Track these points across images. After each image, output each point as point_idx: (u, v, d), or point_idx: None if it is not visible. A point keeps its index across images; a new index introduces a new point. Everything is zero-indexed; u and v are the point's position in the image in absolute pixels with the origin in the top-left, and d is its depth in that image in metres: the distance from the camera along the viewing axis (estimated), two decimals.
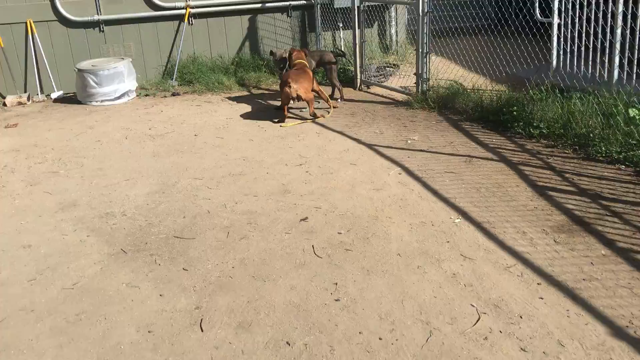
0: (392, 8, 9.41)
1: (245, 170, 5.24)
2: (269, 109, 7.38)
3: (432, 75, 7.15)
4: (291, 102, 6.74)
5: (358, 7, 7.98)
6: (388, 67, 8.92)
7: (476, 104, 6.41)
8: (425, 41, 6.91)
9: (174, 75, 8.92)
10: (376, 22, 9.42)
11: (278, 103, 7.51)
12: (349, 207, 4.32)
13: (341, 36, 9.25)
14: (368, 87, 8.26)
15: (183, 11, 8.94)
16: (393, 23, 9.43)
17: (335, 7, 8.94)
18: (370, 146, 5.68)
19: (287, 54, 7.42)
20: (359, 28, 8.07)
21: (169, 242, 3.98)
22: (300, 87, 6.55)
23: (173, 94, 8.43)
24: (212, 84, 8.61)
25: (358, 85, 8.30)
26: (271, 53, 7.54)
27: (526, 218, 3.97)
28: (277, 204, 4.47)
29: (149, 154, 5.87)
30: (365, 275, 3.39)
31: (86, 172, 5.48)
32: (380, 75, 8.56)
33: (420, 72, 7.06)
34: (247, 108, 7.51)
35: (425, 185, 4.62)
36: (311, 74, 7.00)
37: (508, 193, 4.39)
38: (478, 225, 3.91)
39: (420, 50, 7.00)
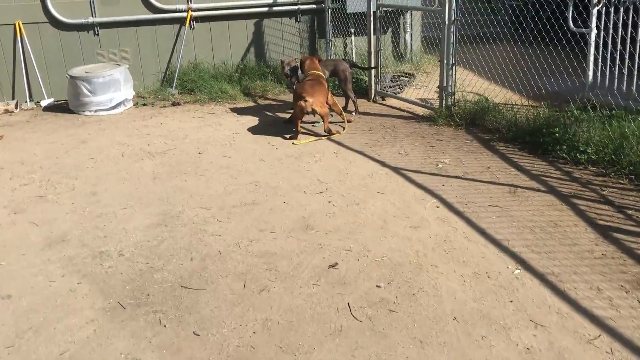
0: (407, 14, 8.79)
1: (259, 199, 4.60)
2: (277, 123, 6.74)
3: (457, 89, 6.53)
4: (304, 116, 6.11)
5: (374, 12, 7.36)
6: (403, 76, 8.31)
7: (509, 122, 5.80)
8: (451, 52, 6.29)
9: (174, 83, 8.26)
10: (390, 29, 8.80)
11: (287, 115, 6.88)
12: (384, 251, 3.68)
13: (353, 43, 8.62)
14: (383, 99, 7.64)
15: (184, 14, 8.28)
16: (408, 29, 8.81)
17: (347, 12, 8.31)
18: (396, 170, 5.05)
19: (299, 62, 6.79)
20: (374, 35, 7.45)
21: (175, 294, 3.33)
22: (315, 100, 5.93)
23: (173, 104, 7.77)
24: (215, 93, 7.96)
25: (372, 96, 7.68)
26: (282, 62, 6.88)
27: (596, 269, 3.36)
28: (299, 244, 3.83)
29: (148, 176, 5.22)
30: (419, 348, 2.76)
31: (78, 197, 4.83)
32: (396, 85, 7.95)
33: (444, 85, 6.44)
34: (254, 121, 6.87)
35: (470, 222, 4.00)
36: (326, 85, 6.38)
37: (567, 235, 3.77)
38: (542, 278, 3.29)
39: (444, 62, 6.39)
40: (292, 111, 6.42)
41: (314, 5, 8.61)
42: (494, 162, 5.13)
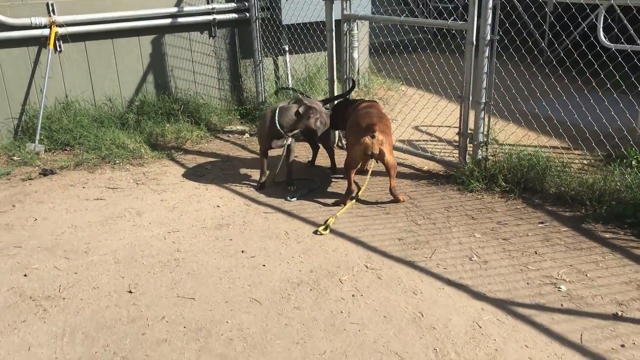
0: (354, 24, 6.54)
1: None
2: (229, 199, 4.19)
3: (492, 135, 4.45)
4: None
5: (338, 22, 5.05)
6: None
7: (596, 189, 3.85)
8: (484, 85, 4.20)
9: (37, 135, 5.25)
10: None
11: (237, 176, 4.37)
12: None
13: (288, 65, 6.20)
14: None
15: (46, 31, 5.28)
16: (355, 45, 6.57)
17: (283, 24, 5.88)
18: (508, 310, 2.84)
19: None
20: (340, 57, 5.16)
21: None
22: (386, 140, 3.88)
23: (44, 173, 4.79)
24: (107, 149, 5.12)
25: (336, 140, 5.40)
26: (308, 110, 4.19)
27: None
28: None
29: None
30: None
31: None
32: None
33: (473, 131, 4.35)
34: (192, 201, 4.24)
35: None
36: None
37: None
38: None
39: (470, 99, 4.29)
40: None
41: (235, 15, 6.03)
42: (633, 271, 3.14)
